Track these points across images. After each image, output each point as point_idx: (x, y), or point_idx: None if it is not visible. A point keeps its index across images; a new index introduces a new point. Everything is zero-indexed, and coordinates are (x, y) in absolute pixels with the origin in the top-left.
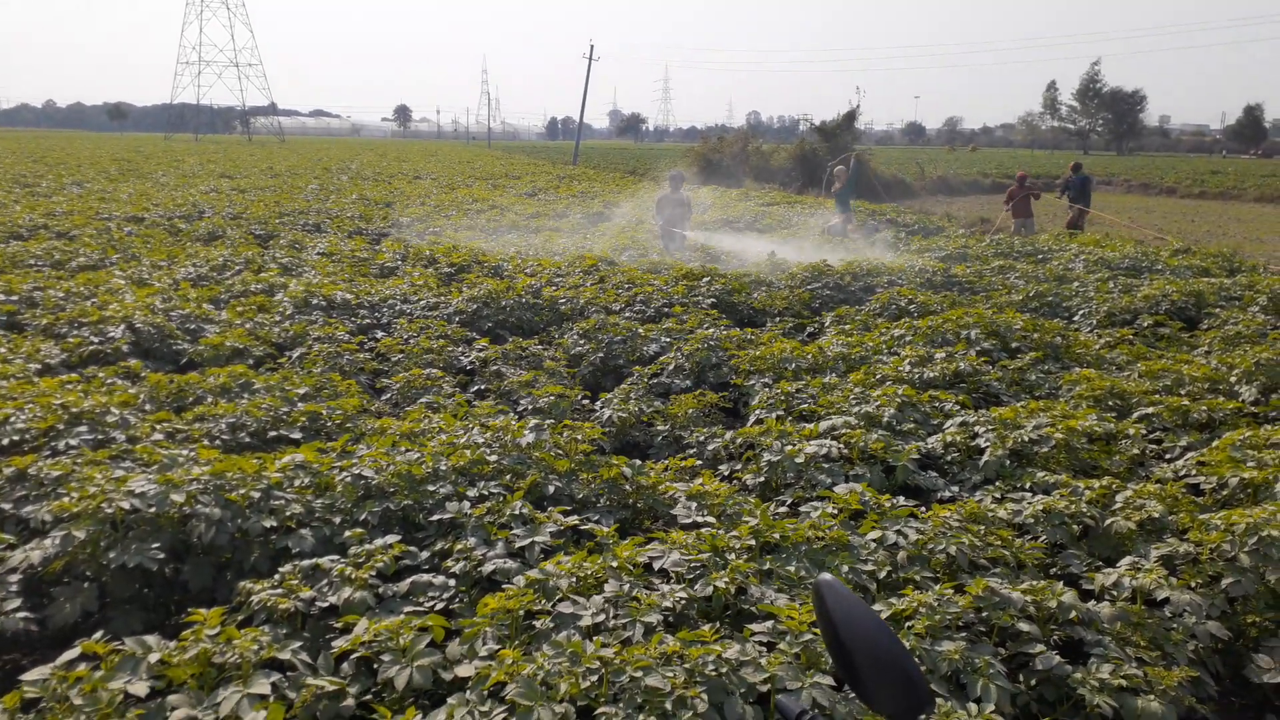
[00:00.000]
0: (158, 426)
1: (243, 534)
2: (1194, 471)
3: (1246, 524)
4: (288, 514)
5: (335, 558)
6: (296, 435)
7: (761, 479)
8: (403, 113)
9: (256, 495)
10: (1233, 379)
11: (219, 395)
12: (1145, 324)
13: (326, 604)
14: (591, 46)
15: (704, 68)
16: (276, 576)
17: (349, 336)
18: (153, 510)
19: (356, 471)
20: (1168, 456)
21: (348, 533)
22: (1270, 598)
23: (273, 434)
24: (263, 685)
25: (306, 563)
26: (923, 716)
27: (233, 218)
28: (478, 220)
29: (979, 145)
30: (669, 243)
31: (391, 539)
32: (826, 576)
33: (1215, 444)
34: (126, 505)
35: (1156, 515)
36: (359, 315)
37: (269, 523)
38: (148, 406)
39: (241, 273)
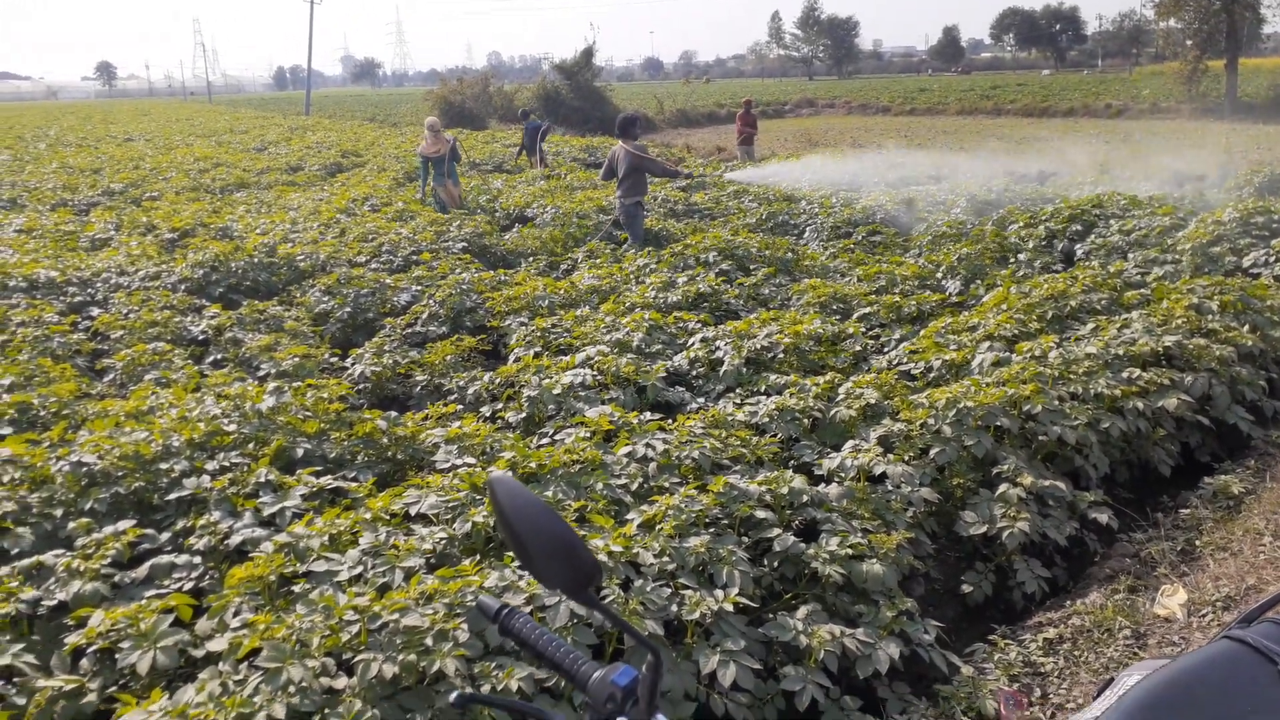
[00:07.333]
0: None
1: None
2: (906, 359)
3: (946, 399)
4: None
5: (60, 552)
6: (4, 430)
7: (523, 415)
8: (106, 70)
9: None
10: (939, 275)
11: None
12: (863, 234)
13: (55, 602)
14: None
15: (438, 6)
16: None
17: (59, 318)
18: None
19: (76, 459)
20: (886, 349)
21: (72, 524)
22: (971, 461)
23: None
24: None
25: (26, 561)
26: (591, 588)
27: None
28: (201, 180)
29: (712, 77)
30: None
31: (125, 524)
32: (496, 472)
33: (923, 333)
34: None
35: (874, 401)
36: (69, 294)
37: None
38: None
39: None
